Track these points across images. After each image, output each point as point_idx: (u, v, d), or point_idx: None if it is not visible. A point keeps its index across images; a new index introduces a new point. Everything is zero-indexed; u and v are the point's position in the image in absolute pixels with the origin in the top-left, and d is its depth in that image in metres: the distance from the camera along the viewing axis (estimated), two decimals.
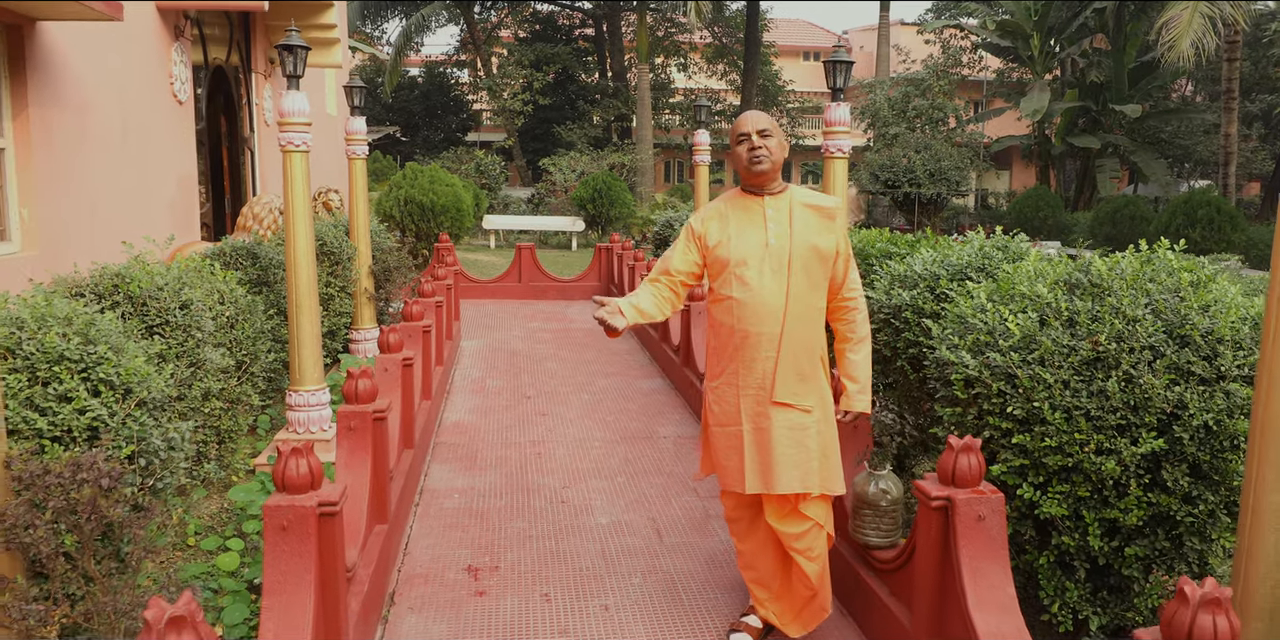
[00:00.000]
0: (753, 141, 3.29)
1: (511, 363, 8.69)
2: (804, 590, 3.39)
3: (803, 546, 3.33)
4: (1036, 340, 3.27)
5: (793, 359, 3.27)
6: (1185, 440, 3.07)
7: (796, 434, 3.27)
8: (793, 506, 3.33)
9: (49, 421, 2.81)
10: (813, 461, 3.27)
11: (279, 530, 2.72)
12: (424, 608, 3.78)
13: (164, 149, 7.91)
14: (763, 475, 3.28)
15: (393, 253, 8.61)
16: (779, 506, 3.34)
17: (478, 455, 5.83)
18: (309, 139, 5.27)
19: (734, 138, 3.35)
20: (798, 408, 3.28)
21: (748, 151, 3.30)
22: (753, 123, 3.31)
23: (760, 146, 3.28)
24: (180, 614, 1.77)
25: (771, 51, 34.64)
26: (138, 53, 7.38)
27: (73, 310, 3.12)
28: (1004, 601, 2.89)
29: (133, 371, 3.07)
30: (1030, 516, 3.37)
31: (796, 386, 3.28)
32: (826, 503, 3.38)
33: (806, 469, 3.26)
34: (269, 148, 11.07)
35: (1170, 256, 3.56)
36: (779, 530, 3.34)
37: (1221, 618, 1.97)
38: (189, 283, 4.35)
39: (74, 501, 2.21)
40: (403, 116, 33.73)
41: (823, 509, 3.35)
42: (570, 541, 4.49)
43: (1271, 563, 2.55)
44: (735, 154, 3.34)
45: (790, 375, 3.27)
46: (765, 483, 3.28)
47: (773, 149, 3.29)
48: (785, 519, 3.34)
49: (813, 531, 3.34)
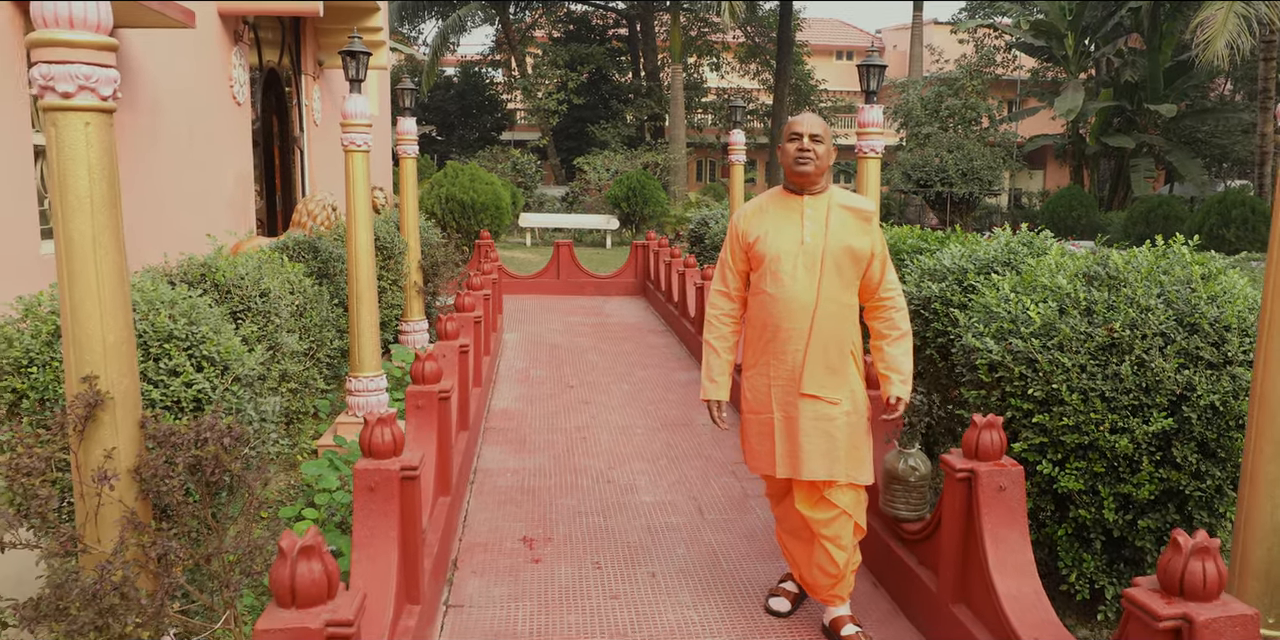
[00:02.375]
0: (803, 143, 3.39)
1: (553, 354, 9.02)
2: (823, 575, 3.50)
3: (830, 533, 3.44)
4: (1056, 328, 3.53)
5: (821, 353, 3.39)
6: (1193, 420, 3.32)
7: (823, 424, 3.39)
8: (820, 493, 3.45)
9: (161, 393, 3.14)
10: (839, 451, 3.39)
11: (367, 490, 3.05)
12: (485, 572, 4.10)
13: (224, 149, 8.30)
14: (790, 461, 3.43)
15: (440, 248, 8.95)
16: (807, 493, 3.47)
17: (526, 439, 6.15)
18: (370, 139, 5.63)
19: (786, 134, 3.46)
20: (825, 400, 3.40)
21: (796, 151, 3.40)
22: (808, 125, 3.42)
23: (809, 149, 3.39)
24: (310, 544, 2.09)
25: (804, 51, 34.76)
26: (202, 57, 7.77)
27: (177, 294, 3.45)
28: (1022, 565, 3.16)
29: (229, 350, 3.40)
30: (1049, 491, 3.63)
31: (825, 379, 3.40)
32: (855, 492, 3.48)
33: (833, 457, 3.38)
34: (318, 147, 11.48)
35: (1184, 251, 3.80)
36: (807, 516, 3.47)
37: (1210, 564, 2.23)
38: (266, 273, 4.70)
39: (199, 457, 2.53)
40: (438, 116, 34.20)
41: (850, 498, 3.45)
42: (617, 517, 4.79)
43: (1266, 528, 2.79)
44: (783, 149, 3.46)
45: (818, 368, 3.39)
46: (793, 468, 3.42)
47: (820, 154, 3.40)
48: (813, 505, 3.47)
49: (840, 519, 3.44)
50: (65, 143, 2.33)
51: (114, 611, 2.26)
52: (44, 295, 3.37)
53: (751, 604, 3.84)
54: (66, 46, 2.26)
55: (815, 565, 3.52)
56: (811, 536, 3.54)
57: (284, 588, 2.09)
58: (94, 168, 2.36)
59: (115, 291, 2.41)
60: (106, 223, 2.40)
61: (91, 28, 2.30)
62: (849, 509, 3.45)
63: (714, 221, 12.07)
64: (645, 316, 11.58)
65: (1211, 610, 2.22)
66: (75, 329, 2.38)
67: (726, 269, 3.61)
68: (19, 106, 5.13)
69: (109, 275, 2.40)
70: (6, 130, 5.00)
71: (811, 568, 3.56)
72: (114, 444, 2.43)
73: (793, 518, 3.62)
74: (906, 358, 3.50)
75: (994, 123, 26.76)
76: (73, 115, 2.32)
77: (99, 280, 2.38)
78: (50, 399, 3.03)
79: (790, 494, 3.59)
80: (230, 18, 8.44)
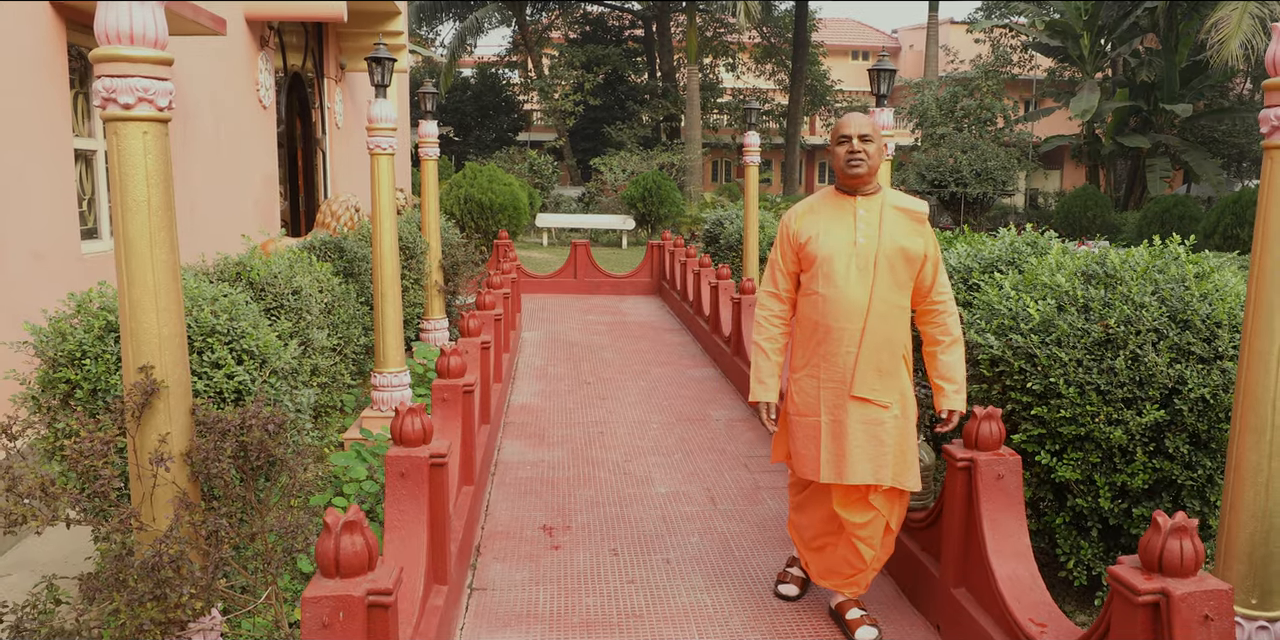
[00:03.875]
0: (853, 145, 3.39)
1: (570, 352, 9.21)
2: (847, 568, 3.56)
3: (865, 534, 3.47)
4: (1054, 324, 3.68)
5: (873, 355, 3.38)
6: (1185, 412, 3.47)
7: (872, 428, 3.38)
8: (861, 496, 3.45)
9: (204, 384, 3.34)
10: (887, 455, 3.38)
11: (398, 476, 3.23)
12: (507, 558, 4.28)
13: (250, 151, 8.53)
14: (836, 466, 3.41)
15: (460, 248, 9.15)
16: (846, 495, 3.47)
17: (545, 433, 6.34)
18: (395, 143, 5.83)
19: (834, 138, 3.46)
20: (876, 403, 3.39)
21: (846, 153, 3.41)
22: (856, 126, 3.41)
23: (860, 151, 3.39)
24: (353, 519, 2.28)
25: (820, 51, 34.90)
26: (230, 62, 8.00)
27: (218, 292, 3.65)
28: (1019, 549, 3.32)
29: (267, 344, 3.59)
30: (1048, 481, 3.79)
31: (876, 382, 3.39)
32: (896, 497, 3.50)
33: (880, 462, 3.38)
34: (339, 149, 11.71)
35: (1179, 250, 3.95)
36: (844, 517, 3.47)
37: (1188, 542, 2.39)
38: (297, 271, 4.90)
39: (244, 443, 2.72)
40: (456, 117, 34.47)
41: (889, 502, 3.48)
42: (633, 508, 4.97)
43: (1249, 514, 2.94)
44: (834, 153, 3.46)
45: (870, 371, 3.38)
46: (838, 473, 3.40)
47: (871, 154, 3.40)
48: (851, 507, 3.48)
49: (876, 521, 3.47)
50: (125, 150, 2.52)
51: (170, 583, 2.45)
52: (93, 292, 3.57)
53: (762, 589, 4.01)
54: (127, 61, 2.46)
55: (840, 558, 3.57)
56: (835, 536, 3.58)
57: (329, 559, 2.28)
58: (151, 174, 2.55)
59: (169, 288, 2.60)
60: (162, 224, 2.59)
61: (150, 44, 2.49)
62: (885, 512, 3.49)
63: (728, 222, 12.25)
64: (661, 315, 11.76)
65: (1188, 585, 2.38)
66: (133, 323, 2.57)
67: (776, 270, 3.59)
68: (61, 114, 5.34)
69: (164, 273, 2.59)
70: (50, 137, 5.22)
71: (835, 561, 3.60)
72: (168, 429, 2.62)
73: (816, 523, 3.63)
74: (960, 366, 3.50)
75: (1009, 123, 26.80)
76: (132, 125, 2.51)
77: (155, 277, 2.57)
78: (101, 389, 3.23)
79: (823, 500, 3.59)
80: (256, 23, 8.67)
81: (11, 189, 4.81)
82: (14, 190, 4.83)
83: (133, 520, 2.57)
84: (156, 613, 2.46)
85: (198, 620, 2.68)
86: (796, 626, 3.69)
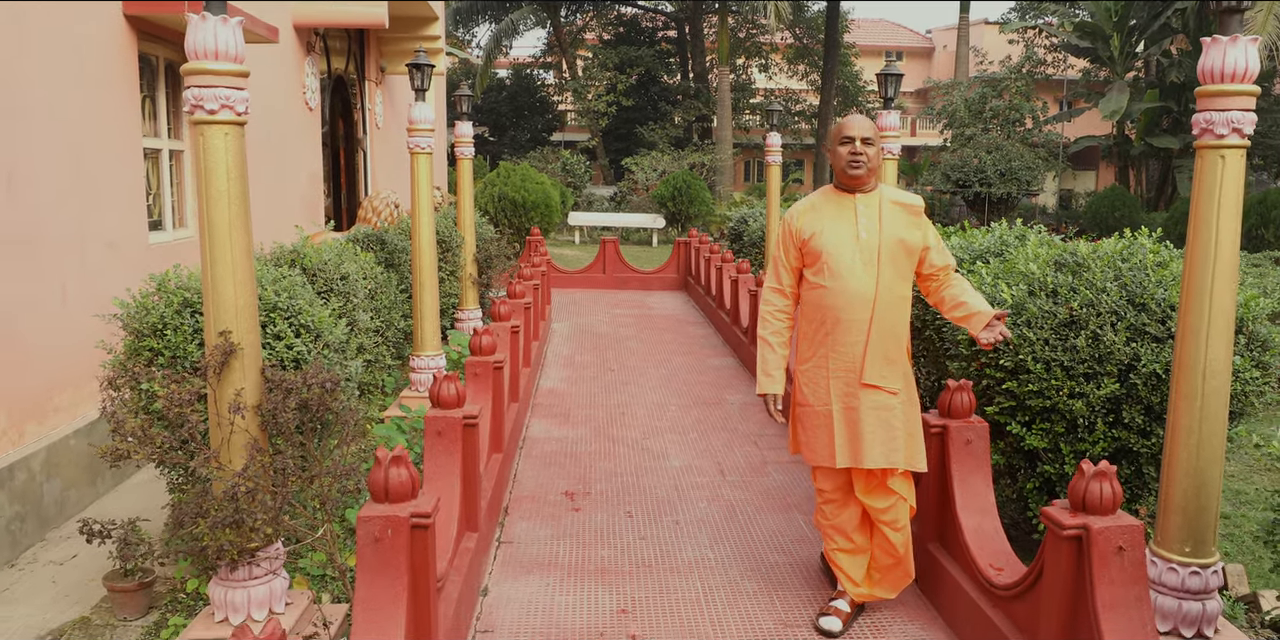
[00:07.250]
0: (855, 146, 3.53)
1: (596, 342, 9.67)
2: (887, 558, 3.72)
3: (889, 519, 3.65)
4: (1025, 307, 4.08)
5: (880, 343, 3.53)
6: (1139, 386, 3.85)
7: (883, 413, 3.54)
8: (880, 481, 3.63)
9: (267, 353, 3.83)
10: (898, 439, 3.54)
11: (435, 435, 3.70)
12: (532, 517, 4.74)
13: (297, 151, 9.07)
14: (852, 451, 3.56)
15: (493, 242, 9.64)
16: (867, 481, 3.64)
17: (570, 413, 6.80)
18: (433, 143, 6.31)
19: (837, 138, 3.58)
20: (885, 389, 3.54)
21: (848, 154, 3.54)
22: (859, 129, 3.54)
23: (861, 153, 3.52)
24: (399, 455, 2.74)
25: (852, 52, 35.07)
26: (280, 67, 8.54)
27: (279, 273, 4.14)
28: (984, 506, 3.72)
29: (321, 320, 4.07)
30: (1020, 450, 4.18)
31: (884, 369, 3.55)
32: (909, 479, 3.69)
33: (892, 446, 3.53)
34: (379, 148, 12.26)
35: (1145, 242, 4.32)
36: (867, 504, 3.65)
37: (1107, 485, 2.79)
38: (345, 259, 5.39)
39: (305, 400, 3.19)
40: (491, 117, 35.11)
41: (907, 484, 3.66)
42: (648, 478, 5.41)
43: (1183, 471, 3.31)
44: (835, 153, 3.59)
45: (878, 358, 3.53)
46: (854, 457, 3.55)
47: (872, 156, 3.54)
48: (872, 493, 3.65)
49: (898, 505, 3.65)
50: (209, 150, 3.00)
51: (246, 511, 2.93)
52: (169, 273, 4.07)
53: (761, 547, 4.44)
54: (212, 74, 2.94)
55: (880, 550, 3.73)
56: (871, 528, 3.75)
57: (379, 487, 2.74)
58: (230, 169, 3.04)
59: (244, 265, 3.08)
60: (239, 212, 3.07)
61: (231, 59, 2.97)
62: (905, 494, 3.66)
63: (752, 220, 12.65)
64: (685, 309, 12.19)
65: (1105, 522, 2.77)
66: (214, 294, 3.05)
67: (780, 266, 3.72)
68: (132, 117, 5.87)
69: (240, 252, 3.06)
70: (123, 138, 5.75)
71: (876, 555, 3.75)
72: (242, 385, 3.09)
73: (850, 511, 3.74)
74: (974, 291, 3.62)
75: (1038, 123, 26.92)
76: (215, 128, 3.00)
77: (233, 256, 3.05)
78: (180, 356, 3.72)
79: (849, 494, 3.72)
80: (304, 30, 9.21)
81: (94, 186, 5.34)
82: (95, 187, 5.36)
83: (213, 460, 3.05)
84: (234, 536, 2.94)
85: (265, 549, 3.15)
86: (789, 576, 4.11)
